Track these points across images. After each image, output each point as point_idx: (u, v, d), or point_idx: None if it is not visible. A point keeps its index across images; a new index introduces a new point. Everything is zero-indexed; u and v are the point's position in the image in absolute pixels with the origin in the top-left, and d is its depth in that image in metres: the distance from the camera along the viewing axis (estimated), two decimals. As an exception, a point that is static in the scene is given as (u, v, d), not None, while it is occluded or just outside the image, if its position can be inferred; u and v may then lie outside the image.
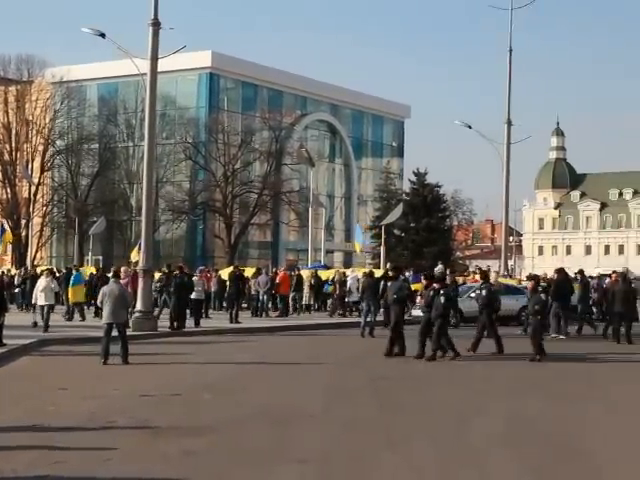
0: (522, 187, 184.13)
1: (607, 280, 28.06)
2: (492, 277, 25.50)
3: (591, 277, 33.30)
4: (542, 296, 20.03)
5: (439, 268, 32.89)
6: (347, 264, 68.16)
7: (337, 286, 33.14)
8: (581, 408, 12.64)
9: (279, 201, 68.53)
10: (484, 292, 19.84)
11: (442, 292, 17.85)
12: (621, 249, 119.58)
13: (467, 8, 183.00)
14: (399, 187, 75.36)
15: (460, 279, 34.23)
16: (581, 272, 27.77)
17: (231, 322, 27.75)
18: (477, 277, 30.18)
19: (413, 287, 26.11)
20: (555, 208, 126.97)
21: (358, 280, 30.20)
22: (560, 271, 25.99)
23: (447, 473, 8.53)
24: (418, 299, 23.73)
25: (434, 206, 63.89)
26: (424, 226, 61.66)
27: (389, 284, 20.88)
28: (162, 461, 8.58)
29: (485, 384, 15.12)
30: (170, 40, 28.45)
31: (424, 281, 19.84)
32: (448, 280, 24.90)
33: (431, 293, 18.11)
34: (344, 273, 34.99)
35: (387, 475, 8.31)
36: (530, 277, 27.36)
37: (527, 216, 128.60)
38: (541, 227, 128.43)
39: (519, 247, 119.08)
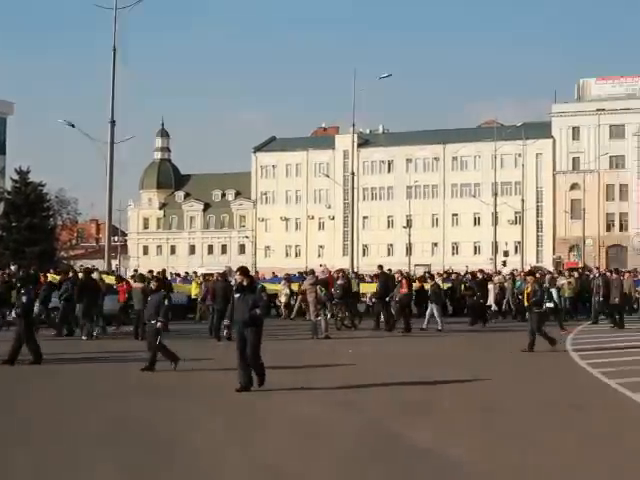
0: (128, 187, 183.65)
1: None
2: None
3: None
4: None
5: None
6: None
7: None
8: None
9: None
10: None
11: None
12: (224, 248, 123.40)
13: (81, 6, 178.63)
14: (1, 185, 72.02)
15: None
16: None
17: None
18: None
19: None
20: (160, 208, 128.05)
21: None
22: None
23: None
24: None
25: (37, 205, 62.15)
26: (26, 225, 59.76)
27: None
28: None
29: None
30: None
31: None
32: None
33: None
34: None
35: None
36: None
37: (132, 216, 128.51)
38: (146, 227, 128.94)
39: (124, 247, 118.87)
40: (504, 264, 71.94)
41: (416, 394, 13.98)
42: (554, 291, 28.40)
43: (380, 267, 32.51)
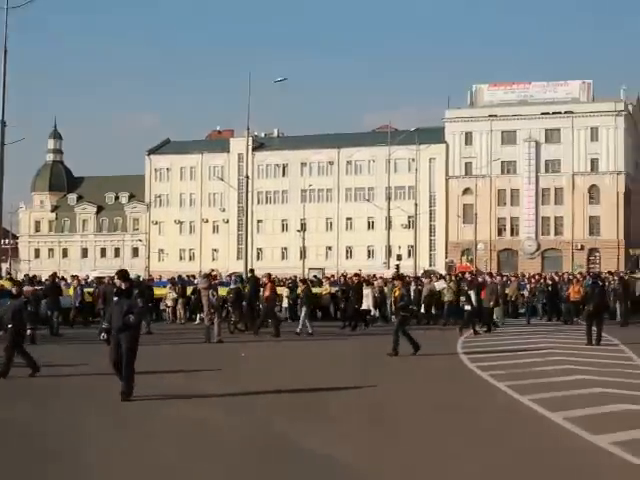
0: (19, 189, 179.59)
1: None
2: None
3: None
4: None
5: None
6: None
7: None
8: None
9: None
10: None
11: None
12: (117, 252, 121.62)
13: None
14: None
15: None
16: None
17: None
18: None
19: None
20: (52, 211, 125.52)
21: None
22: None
23: None
24: None
25: None
26: None
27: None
28: None
29: None
30: None
31: None
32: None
33: None
34: None
35: None
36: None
37: (23, 218, 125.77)
38: (38, 230, 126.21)
39: (15, 250, 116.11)
40: (397, 268, 72.57)
41: (304, 397, 13.97)
42: (472, 294, 28.85)
43: (251, 271, 32.65)
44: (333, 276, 44.07)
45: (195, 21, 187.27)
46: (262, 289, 28.27)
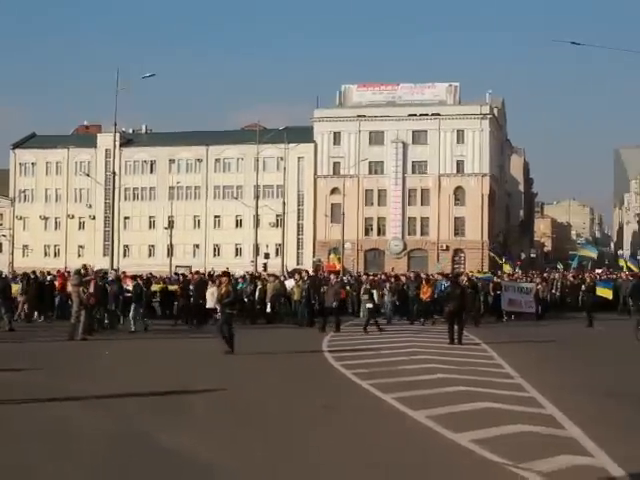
0: None
1: None
2: None
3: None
4: None
5: None
6: None
7: None
8: None
9: None
10: None
11: None
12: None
13: None
14: None
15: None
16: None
17: None
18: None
19: None
20: None
21: None
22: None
23: None
24: None
25: None
26: None
27: None
28: None
29: None
30: None
31: None
32: None
33: None
34: None
35: None
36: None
37: None
38: None
39: None
40: (264, 267, 72.50)
41: (168, 396, 13.75)
42: (374, 292, 29.08)
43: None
44: (176, 274, 43.46)
45: (63, 15, 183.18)
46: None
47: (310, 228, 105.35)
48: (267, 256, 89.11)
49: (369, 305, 28.72)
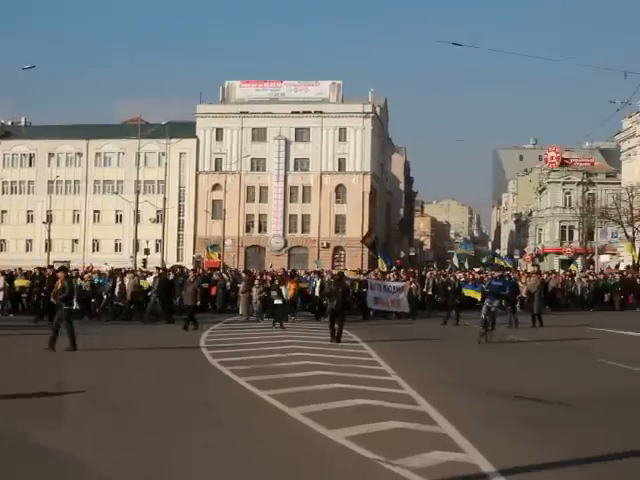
0: None
1: None
2: None
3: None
4: None
5: None
6: None
7: None
8: None
9: None
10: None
11: None
12: None
13: None
14: None
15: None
16: None
17: None
18: None
19: None
20: None
21: None
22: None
23: None
24: None
25: None
26: None
27: None
28: None
29: None
30: None
31: None
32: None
33: None
34: None
35: None
36: None
37: None
38: None
39: None
40: (144, 263, 71.54)
41: (49, 396, 13.40)
42: (283, 289, 29.82)
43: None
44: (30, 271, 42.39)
45: None
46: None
47: (191, 224, 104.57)
48: (147, 252, 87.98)
49: (278, 301, 29.10)
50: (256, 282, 33.63)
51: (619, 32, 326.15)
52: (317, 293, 33.96)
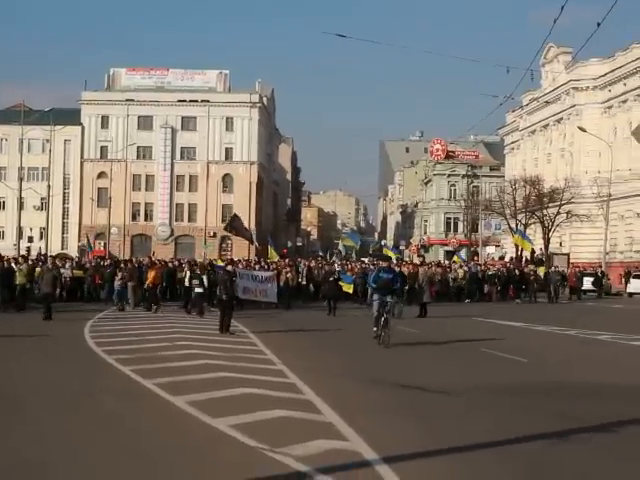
0: None
1: None
2: None
3: None
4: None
5: None
6: None
7: None
8: None
9: None
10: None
11: None
12: None
13: None
14: None
15: None
16: None
17: None
18: None
19: None
20: None
21: None
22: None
23: None
24: None
25: None
26: None
27: None
28: None
29: None
30: None
31: None
32: None
33: None
34: None
35: None
36: None
37: None
38: None
39: None
40: (28, 250, 69.79)
41: None
42: (204, 277, 29.45)
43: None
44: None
45: None
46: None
47: (76, 212, 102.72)
48: (31, 239, 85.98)
49: (199, 290, 28.93)
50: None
51: (503, 30, 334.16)
52: (187, 283, 32.85)
